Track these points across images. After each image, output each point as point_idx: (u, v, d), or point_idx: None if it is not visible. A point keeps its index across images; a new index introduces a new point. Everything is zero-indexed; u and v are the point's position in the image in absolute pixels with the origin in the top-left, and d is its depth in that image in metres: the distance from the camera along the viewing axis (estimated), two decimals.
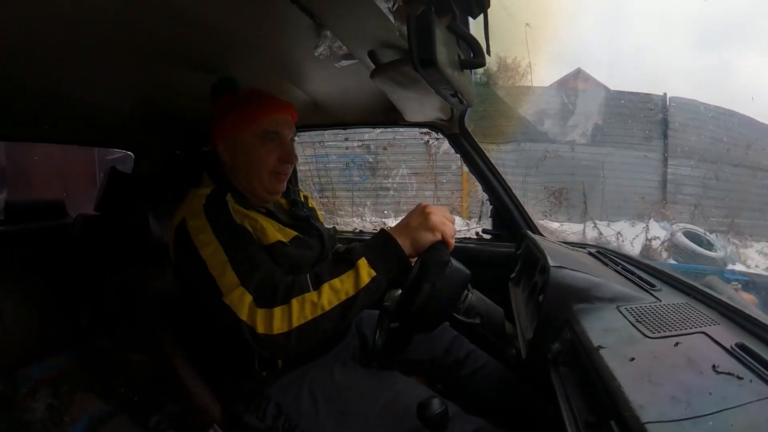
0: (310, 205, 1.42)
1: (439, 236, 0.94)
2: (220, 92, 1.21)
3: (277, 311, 0.87)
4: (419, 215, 0.96)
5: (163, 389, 1.32)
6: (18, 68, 1.08)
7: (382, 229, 0.97)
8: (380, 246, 0.94)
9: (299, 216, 1.28)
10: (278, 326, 0.87)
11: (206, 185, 1.14)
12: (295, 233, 1.16)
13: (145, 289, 1.25)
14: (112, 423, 1.37)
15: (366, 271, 0.90)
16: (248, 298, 0.89)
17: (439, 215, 0.95)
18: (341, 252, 0.98)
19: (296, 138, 1.25)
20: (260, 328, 0.87)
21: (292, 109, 1.21)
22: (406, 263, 0.95)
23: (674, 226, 5.55)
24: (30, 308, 1.50)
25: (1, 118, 1.41)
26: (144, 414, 1.37)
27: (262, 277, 0.93)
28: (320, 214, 1.47)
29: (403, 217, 0.99)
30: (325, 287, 0.89)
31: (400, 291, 1.14)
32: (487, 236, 1.85)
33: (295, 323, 0.87)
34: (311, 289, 0.89)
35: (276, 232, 1.10)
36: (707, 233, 5.33)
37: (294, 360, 1.10)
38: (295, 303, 0.88)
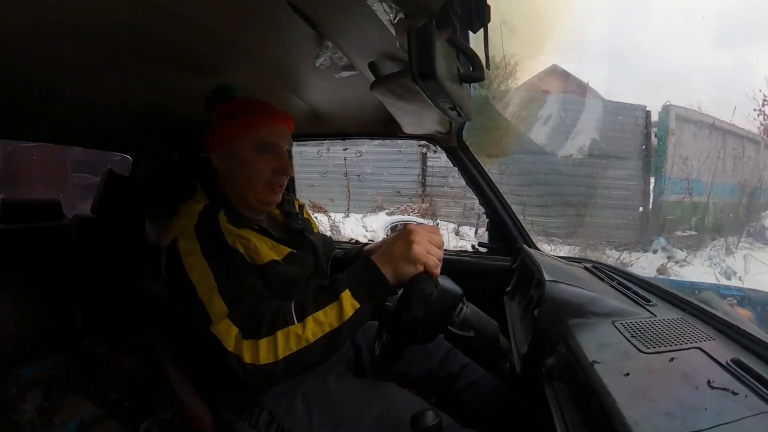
0: (305, 215, 1.41)
1: (421, 268, 0.90)
2: (216, 100, 1.19)
3: (263, 342, 0.87)
4: (402, 244, 0.91)
5: (155, 395, 1.30)
6: (18, 68, 1.08)
7: (366, 256, 0.95)
8: (364, 276, 0.91)
9: (293, 229, 1.26)
10: (264, 357, 0.86)
11: (199, 198, 1.12)
12: (289, 250, 1.14)
13: (141, 294, 1.24)
14: (102, 427, 1.35)
15: (350, 303, 0.88)
16: (234, 330, 0.89)
17: (422, 244, 0.91)
18: (326, 280, 0.95)
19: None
20: (247, 359, 0.87)
21: (289, 119, 1.19)
22: (390, 291, 0.93)
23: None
24: (24, 308, 1.48)
25: (1, 116, 1.41)
26: (135, 419, 1.35)
27: (249, 305, 0.93)
28: (315, 223, 1.47)
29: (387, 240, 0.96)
30: (309, 320, 0.88)
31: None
32: (483, 249, 1.85)
33: (281, 354, 0.86)
34: (295, 321, 0.88)
35: (269, 251, 1.09)
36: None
37: None
38: (280, 335, 0.87)
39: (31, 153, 6.62)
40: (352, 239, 2.69)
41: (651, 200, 6.35)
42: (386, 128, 1.72)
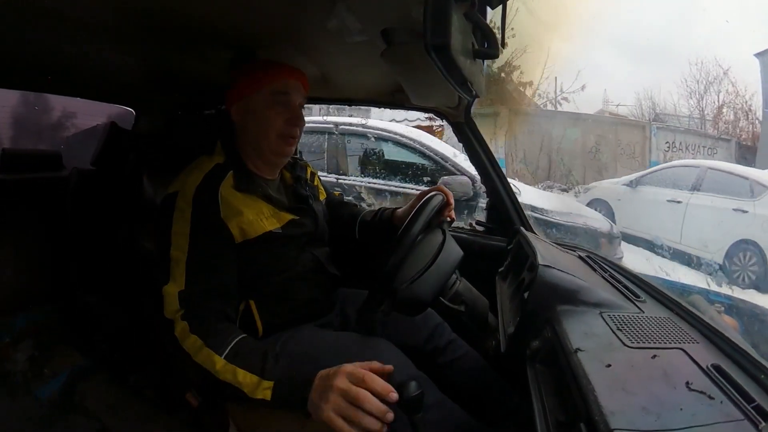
0: (315, 182, 1.43)
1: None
2: (239, 61, 1.24)
3: (192, 337, 0.94)
4: (318, 399, 0.82)
5: (144, 349, 1.33)
6: (22, 18, 1.05)
7: (313, 375, 0.87)
8: (294, 386, 0.88)
9: (299, 196, 1.29)
10: (187, 346, 0.94)
11: (216, 155, 1.18)
12: (291, 217, 1.19)
13: (135, 249, 1.25)
14: (91, 378, 1.38)
15: (263, 393, 0.90)
16: (176, 306, 0.97)
17: (339, 410, 0.79)
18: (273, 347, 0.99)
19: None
20: (175, 331, 0.96)
21: (303, 77, 1.23)
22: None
23: None
24: (19, 258, 1.50)
25: (3, 65, 1.39)
26: (124, 371, 1.38)
27: (204, 291, 0.99)
28: (323, 191, 1.48)
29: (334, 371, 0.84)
30: (230, 367, 0.92)
31: None
32: (480, 228, 1.86)
33: (197, 359, 0.93)
34: (222, 355, 0.92)
35: (266, 221, 1.13)
36: None
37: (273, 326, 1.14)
38: (205, 350, 0.93)
39: None
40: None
41: None
42: (394, 97, 1.70)
